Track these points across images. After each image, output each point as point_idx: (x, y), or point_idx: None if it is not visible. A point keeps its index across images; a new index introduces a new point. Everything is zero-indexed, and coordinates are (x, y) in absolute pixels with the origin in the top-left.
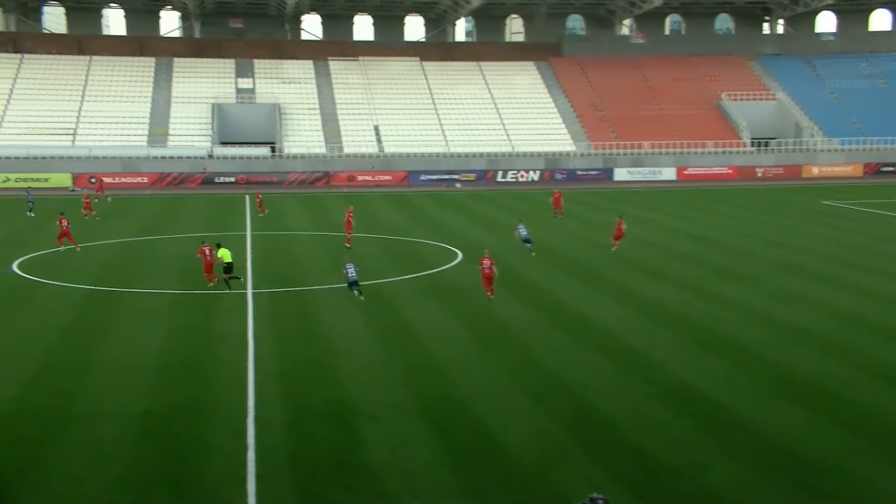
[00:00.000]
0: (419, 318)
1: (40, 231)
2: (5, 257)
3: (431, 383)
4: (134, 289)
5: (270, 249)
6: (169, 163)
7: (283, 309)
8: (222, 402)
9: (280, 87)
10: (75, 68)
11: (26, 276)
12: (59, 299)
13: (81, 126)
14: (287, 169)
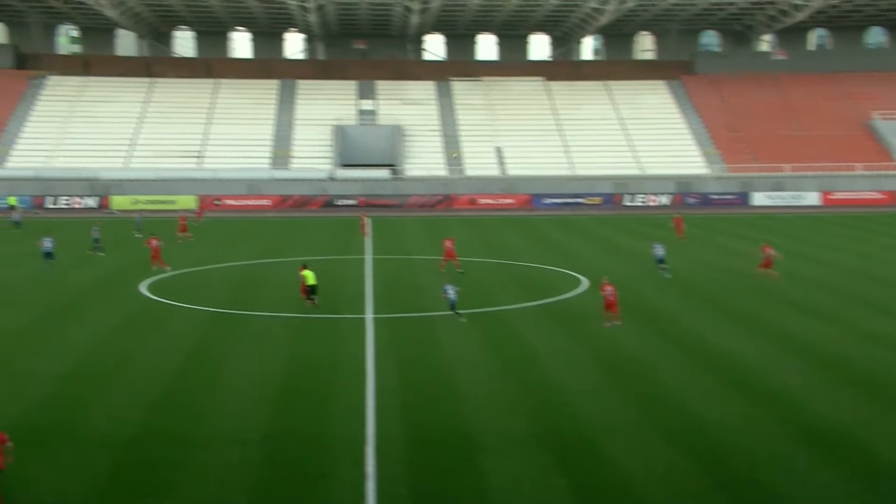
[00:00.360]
0: (543, 346)
1: (169, 253)
2: (135, 278)
3: (556, 415)
4: (257, 312)
5: (390, 274)
6: (291, 185)
7: (402, 335)
8: (342, 430)
9: (402, 109)
10: (203, 91)
11: (154, 298)
12: (185, 322)
13: (208, 148)
14: (407, 191)
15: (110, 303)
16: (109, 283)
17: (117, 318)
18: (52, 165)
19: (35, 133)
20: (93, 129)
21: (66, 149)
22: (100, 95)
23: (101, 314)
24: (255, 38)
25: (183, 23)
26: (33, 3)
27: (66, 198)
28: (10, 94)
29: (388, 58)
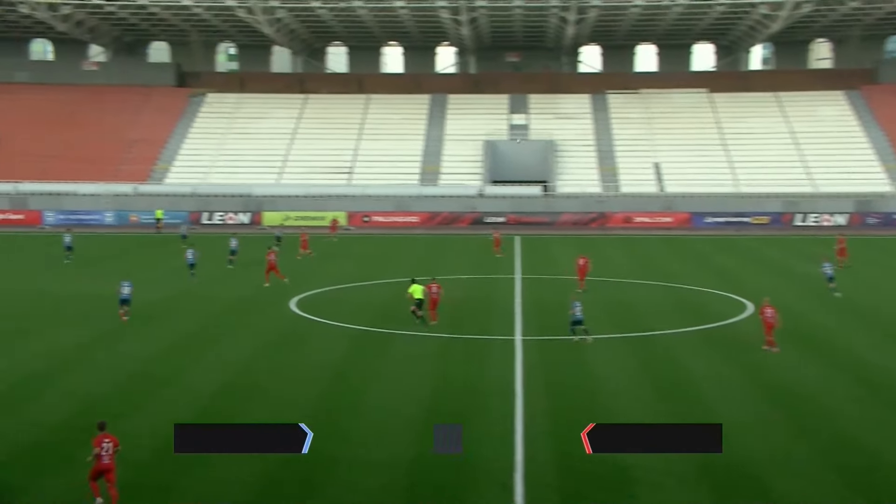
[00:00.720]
0: (701, 374)
1: (317, 269)
2: (284, 294)
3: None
4: (403, 331)
5: (540, 294)
6: (439, 201)
7: (553, 358)
8: (489, 456)
9: (555, 123)
10: (354, 107)
11: (303, 315)
12: (332, 339)
13: (357, 164)
14: (559, 209)
15: (260, 319)
16: (259, 298)
17: (267, 334)
18: (208, 182)
19: (193, 149)
20: (247, 145)
21: (221, 165)
22: (255, 112)
23: (251, 330)
24: (406, 53)
25: (336, 38)
26: (195, 22)
27: (220, 213)
28: (172, 112)
29: (541, 70)
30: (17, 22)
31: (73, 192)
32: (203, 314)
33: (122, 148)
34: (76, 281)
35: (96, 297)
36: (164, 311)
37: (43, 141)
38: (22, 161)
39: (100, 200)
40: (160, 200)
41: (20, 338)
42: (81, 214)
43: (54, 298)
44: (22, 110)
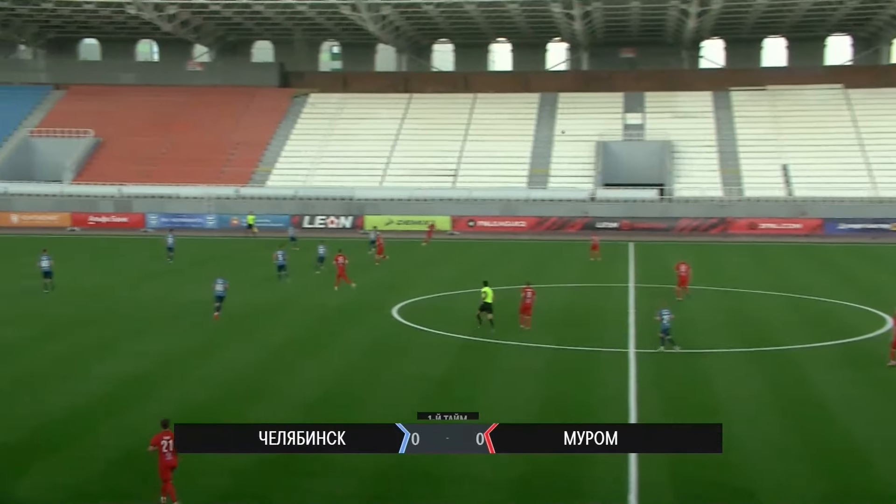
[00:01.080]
0: (835, 394)
1: (420, 275)
2: (385, 301)
3: (853, 476)
4: (510, 341)
5: (655, 304)
6: (548, 206)
7: (670, 373)
8: (601, 476)
9: (672, 123)
10: (460, 107)
11: (405, 323)
12: (434, 349)
13: (462, 166)
14: (676, 214)
15: (360, 327)
16: (361, 304)
17: (367, 343)
18: (309, 184)
19: (295, 151)
20: (350, 146)
21: (323, 167)
22: (358, 112)
23: (350, 338)
24: (515, 50)
25: (442, 35)
26: (299, 20)
27: (321, 217)
28: (274, 113)
29: (658, 67)
30: (125, 23)
31: (175, 194)
32: (303, 321)
33: (224, 150)
34: (177, 286)
35: (195, 302)
36: (264, 317)
37: (147, 143)
38: (126, 163)
39: (202, 203)
40: (261, 203)
41: (121, 342)
42: (184, 217)
43: (155, 303)
44: (127, 112)
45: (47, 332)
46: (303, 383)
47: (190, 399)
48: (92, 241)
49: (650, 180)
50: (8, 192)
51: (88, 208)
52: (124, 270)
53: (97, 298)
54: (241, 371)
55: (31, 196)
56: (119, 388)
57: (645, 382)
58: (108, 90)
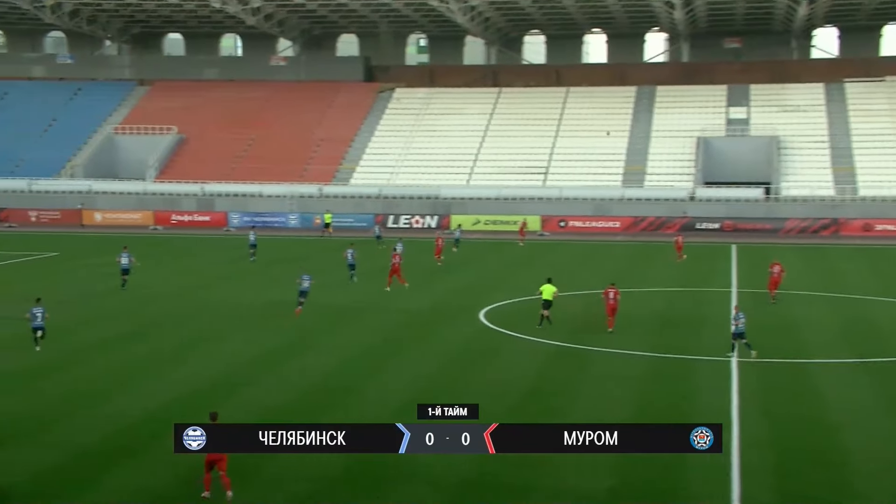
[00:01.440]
0: None
1: (508, 278)
2: (472, 303)
3: None
4: (604, 348)
5: (760, 310)
6: (644, 206)
7: (775, 384)
8: (701, 492)
9: (779, 117)
10: (551, 101)
11: (493, 328)
12: (523, 355)
13: (553, 164)
14: (783, 214)
15: (447, 330)
16: (447, 309)
17: (454, 347)
18: (394, 182)
19: (380, 148)
20: (436, 143)
21: (409, 164)
22: (445, 107)
23: (437, 342)
24: (610, 41)
25: (534, 27)
26: (385, 12)
27: (406, 216)
28: (359, 108)
29: (765, 58)
30: (209, 17)
31: (258, 193)
32: (385, 325)
33: (308, 147)
34: (258, 286)
35: (276, 303)
36: (346, 320)
37: (230, 140)
38: (209, 161)
39: (284, 202)
40: (344, 202)
41: (202, 344)
42: (266, 216)
43: (236, 304)
44: (210, 108)
45: (129, 333)
46: (386, 390)
47: (271, 403)
48: (174, 240)
49: (755, 179)
50: (92, 189)
51: (171, 207)
52: (206, 270)
53: (179, 299)
54: (324, 375)
55: (115, 194)
56: (200, 391)
57: (747, 393)
58: (192, 85)
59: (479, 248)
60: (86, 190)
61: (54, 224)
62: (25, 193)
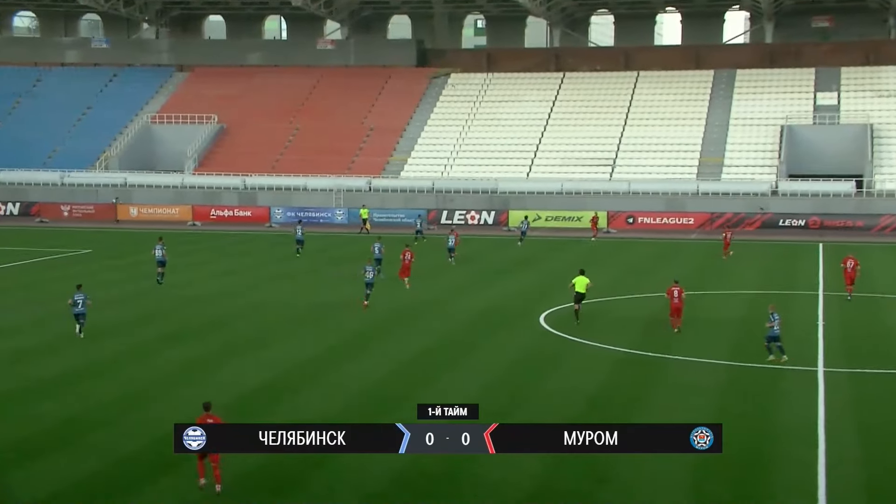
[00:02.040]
0: None
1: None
2: (532, 306)
3: None
4: (678, 356)
5: (851, 315)
6: (721, 201)
7: (869, 396)
8: None
9: (873, 103)
10: (620, 86)
11: (554, 332)
12: (587, 361)
13: (621, 155)
14: (878, 210)
15: (506, 333)
16: (504, 310)
17: (513, 351)
18: (448, 175)
19: (434, 139)
20: (494, 133)
21: (464, 156)
22: (503, 94)
23: (493, 349)
24: (685, 21)
25: (601, 6)
26: None
27: (461, 211)
28: (411, 95)
29: (858, 38)
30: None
31: (303, 186)
32: (440, 328)
33: (356, 137)
34: (304, 287)
35: (322, 305)
36: (398, 322)
37: (273, 129)
38: (251, 152)
39: (331, 196)
40: (395, 197)
41: (247, 348)
42: (311, 211)
43: (282, 306)
44: (252, 95)
45: (170, 335)
46: (440, 398)
47: (318, 411)
48: (214, 236)
49: (845, 171)
50: (128, 182)
51: (210, 201)
52: (250, 269)
53: (221, 299)
54: (377, 380)
55: (151, 187)
56: (246, 396)
57: (837, 406)
58: (233, 72)
59: (539, 246)
60: (121, 183)
61: (88, 219)
62: (58, 186)
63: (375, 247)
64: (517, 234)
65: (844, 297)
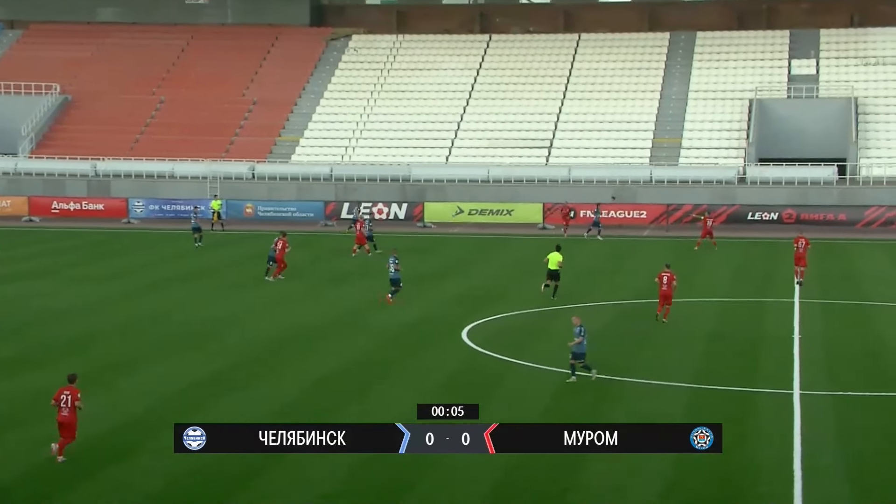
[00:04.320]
0: None
1: (498, 285)
2: (454, 319)
3: None
4: (634, 378)
5: (834, 327)
6: (679, 191)
7: (853, 423)
8: None
9: (858, 73)
10: (558, 52)
11: (481, 351)
12: (527, 386)
13: (559, 135)
14: (863, 201)
15: (427, 354)
16: (424, 325)
17: (438, 376)
18: (350, 160)
19: (332, 115)
20: (405, 108)
21: (369, 137)
22: (417, 61)
23: (416, 369)
24: None
25: None
26: None
27: (366, 203)
28: (304, 62)
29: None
30: None
31: (169, 172)
32: (349, 347)
33: (235, 113)
34: (183, 300)
35: (211, 320)
36: (293, 344)
37: (132, 103)
38: (104, 130)
39: (205, 186)
40: (286, 186)
41: (113, 376)
42: (180, 203)
43: (158, 322)
44: (105, 61)
45: (13, 358)
46: None
47: None
48: (59, 234)
49: (826, 154)
50: None
51: (52, 191)
52: (108, 278)
53: (73, 315)
54: (270, 412)
55: None
56: (102, 435)
57: (815, 436)
58: (81, 30)
59: (462, 247)
60: None
61: None
62: None
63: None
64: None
65: (826, 304)
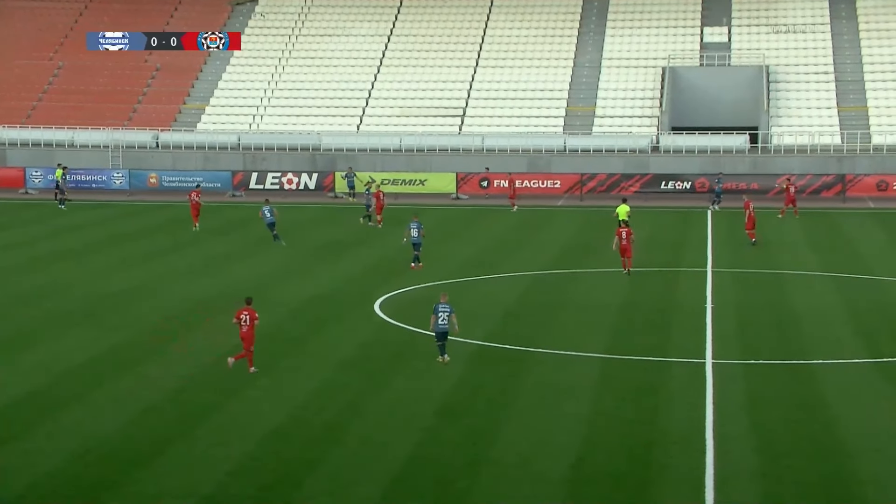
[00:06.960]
0: None
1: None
2: (365, 292)
3: None
4: (545, 349)
5: (746, 298)
6: (594, 160)
7: (764, 392)
8: None
9: (770, 40)
10: (470, 18)
11: (394, 323)
12: (436, 360)
13: (472, 103)
14: (775, 170)
15: (338, 326)
16: (334, 298)
17: (348, 348)
18: (258, 129)
19: (238, 82)
20: (314, 76)
21: (277, 105)
22: (325, 27)
23: (326, 341)
24: None
25: None
26: None
27: (275, 174)
28: (209, 27)
29: None
30: None
31: (68, 141)
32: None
33: (138, 79)
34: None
35: (108, 294)
36: (199, 318)
37: (27, 68)
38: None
39: (106, 155)
40: (191, 155)
41: (6, 352)
42: (80, 174)
43: (50, 296)
44: (0, 25)
45: None
46: (254, 410)
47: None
48: None
49: (738, 123)
50: None
51: None
52: (4, 249)
53: None
54: (174, 389)
55: None
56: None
57: (727, 406)
58: None
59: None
60: None
61: None
62: None
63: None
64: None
65: (738, 273)
